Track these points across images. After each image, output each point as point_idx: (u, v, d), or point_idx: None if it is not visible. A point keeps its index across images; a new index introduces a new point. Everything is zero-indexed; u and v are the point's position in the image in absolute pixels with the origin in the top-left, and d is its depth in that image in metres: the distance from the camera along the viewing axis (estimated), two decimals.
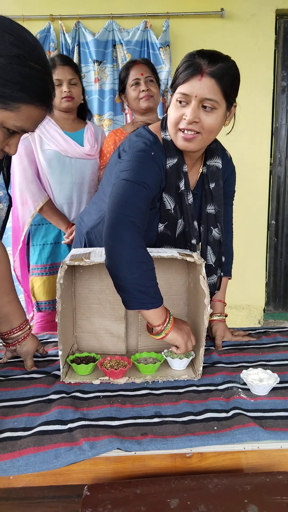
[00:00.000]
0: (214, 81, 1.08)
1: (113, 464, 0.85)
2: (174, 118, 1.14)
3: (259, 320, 3.52)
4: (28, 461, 0.81)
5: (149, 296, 1.04)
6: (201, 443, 0.86)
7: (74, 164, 1.99)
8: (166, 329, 1.08)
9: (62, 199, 2.02)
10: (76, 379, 1.11)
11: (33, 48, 0.77)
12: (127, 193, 1.07)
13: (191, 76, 1.08)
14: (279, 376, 1.06)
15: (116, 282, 1.05)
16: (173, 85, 1.15)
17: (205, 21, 3.09)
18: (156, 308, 1.06)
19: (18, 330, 1.16)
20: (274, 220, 3.47)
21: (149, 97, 1.97)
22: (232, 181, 1.42)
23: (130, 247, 1.02)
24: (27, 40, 0.76)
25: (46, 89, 0.80)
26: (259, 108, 3.22)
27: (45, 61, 0.79)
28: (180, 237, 1.28)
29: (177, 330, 1.10)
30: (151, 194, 1.13)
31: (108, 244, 1.03)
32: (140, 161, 1.14)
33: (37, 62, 0.77)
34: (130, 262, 1.01)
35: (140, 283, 1.02)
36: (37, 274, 2.07)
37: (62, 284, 1.06)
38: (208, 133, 1.15)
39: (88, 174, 2.04)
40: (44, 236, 2.06)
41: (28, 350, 1.18)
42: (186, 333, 1.12)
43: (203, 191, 1.31)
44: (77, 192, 2.03)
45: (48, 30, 3.01)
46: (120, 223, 1.03)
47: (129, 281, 1.02)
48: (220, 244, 1.34)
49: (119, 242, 1.02)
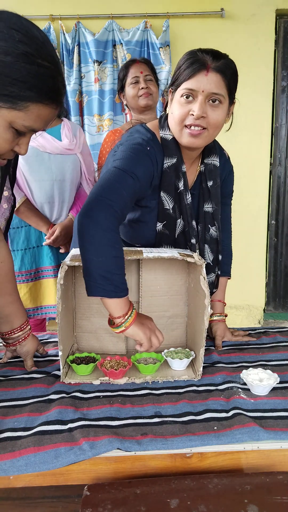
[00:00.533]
0: (219, 76, 1.10)
1: (113, 464, 0.85)
2: (180, 115, 1.13)
3: (259, 320, 3.52)
4: (28, 461, 0.81)
5: (113, 285, 0.98)
6: (201, 443, 0.86)
7: (53, 160, 1.88)
8: (127, 322, 1.02)
9: (43, 198, 1.90)
10: (76, 379, 1.11)
11: (41, 45, 0.75)
12: (113, 179, 1.06)
13: (198, 71, 1.09)
14: (279, 376, 1.06)
15: (83, 265, 1.00)
16: (175, 82, 1.15)
17: (205, 21, 3.10)
18: (119, 298, 1.01)
19: (19, 331, 1.17)
20: (274, 220, 3.47)
21: (148, 95, 1.96)
22: (230, 180, 1.42)
23: (101, 229, 0.98)
24: (36, 37, 0.75)
25: (55, 87, 0.78)
26: (259, 108, 3.22)
27: (54, 58, 0.78)
28: (180, 236, 1.28)
29: (138, 325, 1.04)
30: (138, 186, 1.11)
31: (80, 222, 0.99)
32: (134, 153, 1.13)
33: (46, 59, 0.75)
34: (98, 244, 0.97)
35: (105, 268, 0.97)
36: (22, 281, 1.94)
37: (62, 285, 1.06)
38: (214, 129, 1.15)
39: (69, 171, 1.92)
40: (24, 239, 1.94)
41: (28, 350, 1.18)
42: (149, 329, 1.06)
43: (200, 190, 1.31)
44: (58, 190, 1.91)
45: (48, 30, 3.01)
46: (98, 204, 1.01)
47: (94, 264, 0.97)
48: (218, 242, 1.34)
49: (91, 222, 0.98)
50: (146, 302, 1.28)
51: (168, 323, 1.30)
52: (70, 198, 1.96)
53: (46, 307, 1.98)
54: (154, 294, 1.28)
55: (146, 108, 1.99)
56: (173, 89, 1.17)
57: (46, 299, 1.97)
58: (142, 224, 1.27)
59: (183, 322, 1.31)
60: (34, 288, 1.96)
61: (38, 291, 1.97)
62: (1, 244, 1.16)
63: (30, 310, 1.96)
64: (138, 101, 1.98)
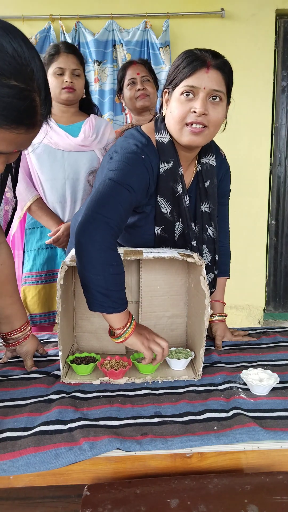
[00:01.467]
0: (219, 73, 1.10)
1: (113, 464, 0.85)
2: (181, 113, 1.12)
3: (259, 320, 3.52)
4: (28, 461, 0.81)
5: (111, 300, 1.01)
6: (201, 443, 0.86)
7: (67, 158, 1.80)
8: (126, 333, 1.05)
9: (54, 197, 1.83)
10: (76, 379, 1.11)
11: (11, 60, 0.64)
12: (109, 193, 1.06)
13: (198, 68, 1.09)
14: (279, 376, 1.06)
15: (81, 281, 1.02)
16: (172, 81, 1.14)
17: (205, 21, 3.09)
18: (117, 313, 1.03)
19: (19, 332, 1.17)
20: (274, 220, 3.47)
21: (145, 96, 1.96)
22: (227, 180, 1.41)
23: (99, 248, 0.99)
24: (4, 51, 0.63)
25: (22, 109, 0.66)
26: (259, 108, 3.22)
27: (28, 75, 0.66)
28: (180, 239, 1.28)
29: (137, 335, 1.06)
30: (134, 197, 1.11)
31: (78, 241, 1.01)
32: (129, 163, 1.12)
33: (14, 77, 0.64)
34: (96, 263, 0.99)
35: (103, 285, 1.00)
36: (31, 282, 1.87)
37: (62, 285, 1.06)
38: (214, 127, 1.15)
39: (84, 169, 1.82)
40: (39, 240, 1.88)
41: (28, 350, 1.19)
42: (147, 339, 1.07)
43: (197, 190, 1.30)
44: (71, 189, 1.83)
45: (48, 30, 3.01)
46: (94, 222, 1.01)
47: (92, 281, 1.00)
48: (215, 242, 1.34)
49: (89, 241, 1.00)
50: (146, 302, 1.28)
51: (168, 323, 1.30)
52: (84, 198, 1.85)
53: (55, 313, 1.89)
54: (154, 294, 1.28)
55: (143, 109, 2.00)
56: (170, 89, 1.15)
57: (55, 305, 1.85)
58: (139, 229, 1.26)
59: (183, 322, 1.31)
60: (43, 291, 1.89)
61: (48, 295, 1.89)
62: (2, 246, 1.16)
63: (37, 315, 1.88)
64: (135, 102, 1.98)
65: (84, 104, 1.92)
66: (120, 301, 1.03)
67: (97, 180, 1.35)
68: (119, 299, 1.03)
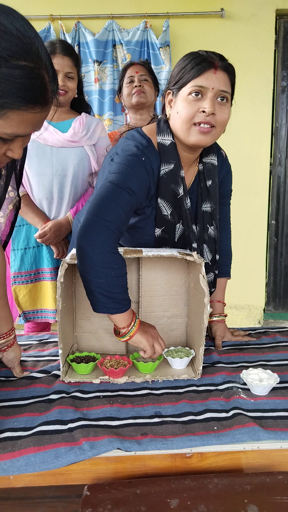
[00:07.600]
0: (226, 75, 1.13)
1: (113, 464, 0.85)
2: (189, 113, 1.12)
3: (259, 320, 3.52)
4: (28, 461, 0.81)
5: (114, 302, 1.03)
6: (201, 443, 0.86)
7: (55, 154, 1.78)
8: (131, 331, 1.08)
9: (41, 193, 1.81)
10: (76, 378, 1.11)
11: (17, 41, 0.64)
12: (110, 196, 1.07)
13: (207, 69, 1.10)
14: (279, 376, 1.06)
15: (84, 284, 1.04)
16: (178, 81, 1.14)
17: (205, 21, 3.09)
18: (121, 313, 1.05)
19: (7, 336, 1.12)
20: (274, 220, 3.47)
21: (141, 92, 1.98)
22: (228, 180, 1.41)
23: (100, 252, 1.01)
24: (8, 31, 0.63)
25: (35, 88, 0.68)
26: (259, 108, 3.22)
27: (34, 52, 0.67)
28: (180, 240, 1.28)
29: (142, 333, 1.09)
30: (134, 200, 1.12)
31: (80, 245, 1.02)
32: (129, 165, 1.12)
33: (23, 57, 0.65)
34: (98, 266, 1.01)
35: (106, 288, 1.01)
36: (21, 282, 1.87)
37: (62, 283, 1.06)
38: (221, 127, 1.16)
39: (73, 165, 1.80)
40: (25, 238, 1.86)
41: (16, 355, 1.14)
42: (152, 336, 1.11)
43: (199, 190, 1.31)
44: (58, 186, 1.80)
45: (48, 30, 3.01)
46: (95, 226, 1.02)
47: (95, 284, 1.02)
48: (215, 242, 1.34)
49: (90, 245, 1.01)
50: (146, 302, 1.28)
51: (168, 323, 1.30)
52: (71, 195, 1.84)
53: (45, 311, 1.91)
54: (154, 294, 1.28)
55: (138, 105, 2.00)
56: (175, 90, 1.16)
57: (45, 303, 1.90)
58: (140, 230, 1.26)
59: (183, 322, 1.31)
60: (34, 290, 1.90)
61: (38, 293, 1.90)
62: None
63: (30, 312, 1.90)
64: (131, 99, 2.01)
65: (76, 103, 1.92)
66: (124, 302, 1.05)
67: (99, 182, 1.35)
68: (122, 300, 1.05)
